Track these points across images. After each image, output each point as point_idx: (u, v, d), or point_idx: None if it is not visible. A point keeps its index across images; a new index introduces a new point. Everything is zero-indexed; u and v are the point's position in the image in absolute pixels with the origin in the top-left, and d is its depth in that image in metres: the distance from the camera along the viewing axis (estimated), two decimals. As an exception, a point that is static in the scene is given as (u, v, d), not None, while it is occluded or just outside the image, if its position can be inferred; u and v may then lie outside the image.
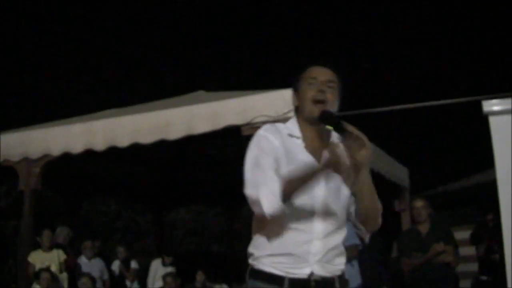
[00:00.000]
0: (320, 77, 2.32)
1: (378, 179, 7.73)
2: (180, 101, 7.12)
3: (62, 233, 7.84)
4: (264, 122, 5.58)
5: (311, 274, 2.22)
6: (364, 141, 2.18)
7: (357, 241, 5.36)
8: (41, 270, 6.70)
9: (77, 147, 6.63)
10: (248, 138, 2.41)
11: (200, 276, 7.89)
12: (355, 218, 2.37)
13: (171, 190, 10.13)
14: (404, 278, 6.02)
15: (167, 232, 12.59)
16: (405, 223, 8.53)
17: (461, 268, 6.63)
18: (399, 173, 8.63)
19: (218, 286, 8.04)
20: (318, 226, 2.24)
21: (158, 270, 8.37)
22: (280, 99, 5.62)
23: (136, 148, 6.36)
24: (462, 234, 8.25)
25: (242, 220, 12.35)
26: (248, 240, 2.44)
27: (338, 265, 2.32)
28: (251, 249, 2.36)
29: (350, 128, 2.18)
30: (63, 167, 7.45)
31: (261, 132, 2.32)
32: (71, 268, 7.41)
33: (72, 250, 7.96)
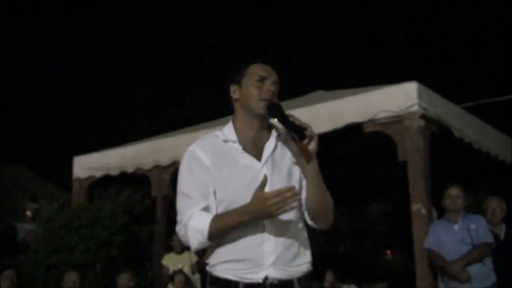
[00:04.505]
0: (271, 77, 2.32)
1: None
2: (300, 102, 7.14)
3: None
4: (387, 118, 5.49)
5: (266, 278, 2.17)
6: (312, 132, 2.15)
7: (489, 238, 5.10)
8: (175, 272, 6.94)
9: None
10: (371, 135, 2.38)
11: (330, 276, 7.81)
12: (306, 216, 2.30)
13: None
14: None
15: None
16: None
17: None
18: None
19: (347, 286, 7.93)
20: (267, 225, 2.19)
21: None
22: (402, 93, 5.50)
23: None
24: None
25: (367, 219, 12.20)
26: (375, 239, 2.42)
27: (298, 265, 2.25)
28: (206, 257, 2.38)
29: (297, 120, 2.16)
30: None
31: (191, 148, 2.33)
32: (203, 269, 7.63)
33: (203, 252, 8.17)
